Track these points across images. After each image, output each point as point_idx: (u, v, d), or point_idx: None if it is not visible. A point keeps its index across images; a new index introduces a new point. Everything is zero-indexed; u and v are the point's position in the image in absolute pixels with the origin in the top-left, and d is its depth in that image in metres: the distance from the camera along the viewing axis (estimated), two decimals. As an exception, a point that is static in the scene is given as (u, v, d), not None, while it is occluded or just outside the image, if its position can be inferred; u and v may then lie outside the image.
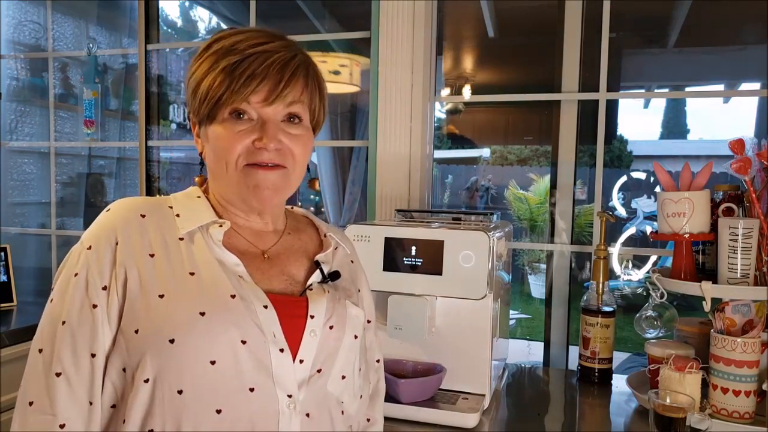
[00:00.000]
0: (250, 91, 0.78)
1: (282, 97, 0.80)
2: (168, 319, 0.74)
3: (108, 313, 0.76)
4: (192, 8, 3.72)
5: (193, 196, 0.88)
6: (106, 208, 0.83)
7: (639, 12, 2.83)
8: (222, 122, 0.81)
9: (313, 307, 0.83)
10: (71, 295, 0.76)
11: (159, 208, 0.84)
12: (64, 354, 0.74)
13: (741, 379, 1.21)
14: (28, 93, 2.57)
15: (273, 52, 0.80)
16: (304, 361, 0.79)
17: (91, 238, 0.79)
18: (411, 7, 1.85)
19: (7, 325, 1.87)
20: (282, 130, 0.81)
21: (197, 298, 0.76)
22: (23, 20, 2.54)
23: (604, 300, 1.54)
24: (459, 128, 5.27)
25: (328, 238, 0.95)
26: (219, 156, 0.81)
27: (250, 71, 0.78)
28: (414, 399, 1.28)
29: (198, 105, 0.82)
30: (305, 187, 0.91)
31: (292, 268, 0.88)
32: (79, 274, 0.77)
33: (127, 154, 2.76)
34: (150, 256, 0.78)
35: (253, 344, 0.75)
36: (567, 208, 1.95)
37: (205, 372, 0.73)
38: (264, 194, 0.81)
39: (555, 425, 1.35)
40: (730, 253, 1.25)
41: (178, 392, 0.72)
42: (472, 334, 1.33)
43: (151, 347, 0.73)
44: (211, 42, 0.84)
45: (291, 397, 0.77)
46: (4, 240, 2.39)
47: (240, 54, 0.79)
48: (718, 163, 1.40)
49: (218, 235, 0.82)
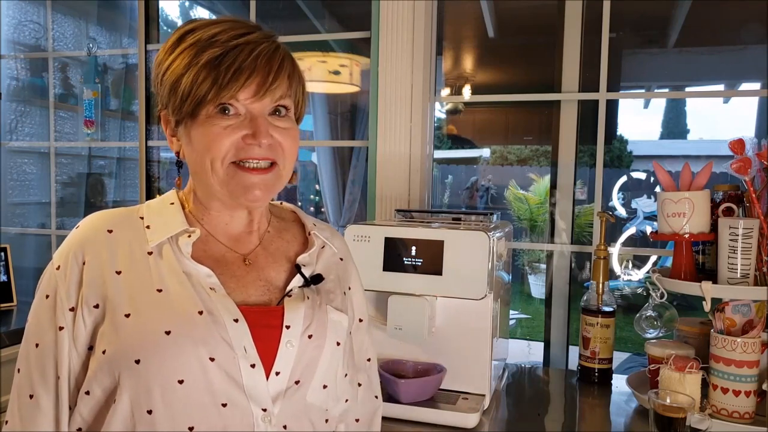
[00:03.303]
0: (239, 87, 0.74)
1: (271, 91, 0.76)
2: (133, 338, 0.72)
3: (74, 335, 0.74)
4: (192, 8, 3.72)
5: (167, 203, 0.84)
6: (76, 225, 0.81)
7: (639, 12, 2.83)
8: (207, 119, 0.76)
9: (289, 317, 0.79)
10: (42, 317, 0.76)
11: (128, 221, 0.81)
12: (35, 376, 0.75)
13: (741, 379, 1.21)
14: (28, 93, 2.57)
15: (257, 43, 0.76)
16: (281, 373, 0.76)
17: (60, 257, 0.77)
18: (411, 7, 1.85)
19: (7, 325, 1.87)
20: (271, 125, 0.78)
21: (163, 316, 0.73)
22: (23, 20, 2.54)
23: (604, 300, 1.54)
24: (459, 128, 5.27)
25: (313, 236, 0.90)
26: (203, 154, 0.77)
27: (237, 65, 0.74)
28: (414, 399, 1.28)
29: (179, 103, 0.76)
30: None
31: (270, 273, 0.84)
32: (50, 296, 0.76)
33: (127, 154, 2.76)
34: (117, 274, 0.76)
35: (222, 361, 0.73)
36: (567, 208, 1.95)
37: (174, 391, 0.71)
38: (255, 194, 0.78)
39: (555, 425, 1.35)
40: (730, 253, 1.25)
41: (147, 412, 0.71)
42: (472, 334, 1.33)
43: (119, 368, 0.71)
44: (183, 33, 0.78)
45: (266, 411, 0.74)
46: (4, 240, 2.39)
47: (222, 46, 0.74)
48: (718, 163, 1.40)
49: (186, 247, 0.78)
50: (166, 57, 0.78)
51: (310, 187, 5.01)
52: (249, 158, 0.77)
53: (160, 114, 0.83)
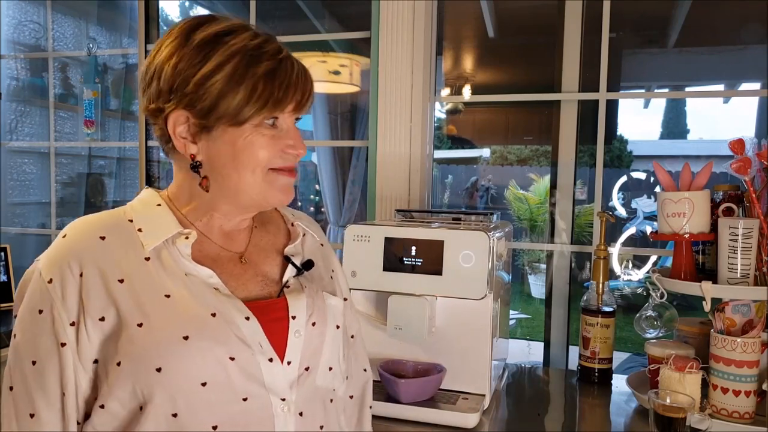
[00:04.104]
0: (288, 101, 0.78)
1: (306, 105, 0.82)
2: (151, 347, 0.72)
3: (78, 349, 0.73)
4: (192, 8, 3.72)
5: (152, 204, 0.83)
6: (61, 233, 0.78)
7: (639, 12, 2.83)
8: (255, 128, 0.77)
9: (293, 307, 0.82)
10: (37, 333, 0.73)
11: (118, 225, 0.79)
12: (36, 394, 0.73)
13: (741, 379, 1.21)
14: (28, 93, 2.57)
15: (292, 59, 0.80)
16: (292, 362, 0.79)
17: (51, 269, 0.74)
18: (411, 7, 1.85)
19: (7, 325, 1.87)
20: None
21: (177, 322, 0.73)
22: (23, 20, 2.54)
23: (604, 300, 1.54)
24: (459, 128, 5.28)
25: (296, 227, 0.94)
26: (246, 161, 0.78)
27: (288, 80, 0.78)
28: (414, 399, 1.28)
29: (222, 110, 0.75)
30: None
31: (265, 267, 0.86)
32: (44, 311, 0.73)
33: (127, 154, 2.76)
34: (120, 282, 0.74)
35: (241, 359, 0.75)
36: (567, 208, 1.95)
37: (197, 393, 0.72)
38: (291, 194, 0.83)
39: (555, 425, 1.35)
40: (730, 253, 1.25)
41: (173, 416, 0.72)
42: (472, 334, 1.33)
43: (139, 378, 0.71)
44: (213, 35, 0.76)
45: (284, 400, 0.78)
46: (4, 240, 2.39)
47: (272, 59, 0.77)
48: (718, 163, 1.40)
49: (186, 249, 0.78)
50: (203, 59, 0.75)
51: (310, 187, 5.01)
52: (287, 167, 0.81)
53: (166, 113, 0.78)
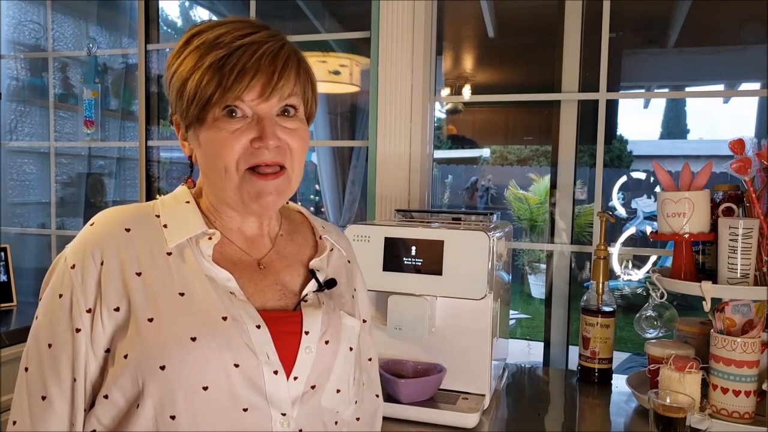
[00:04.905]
0: (243, 88, 0.73)
1: (277, 90, 0.75)
2: (158, 344, 0.71)
3: (92, 337, 0.73)
4: (192, 8, 3.72)
5: (182, 201, 0.83)
6: (89, 222, 0.79)
7: (639, 12, 2.83)
8: (214, 123, 0.75)
9: (308, 323, 0.79)
10: (56, 317, 0.74)
11: (145, 219, 0.79)
12: (49, 377, 0.73)
13: (741, 379, 1.21)
14: (28, 93, 2.57)
15: (261, 43, 0.75)
16: (299, 378, 0.77)
17: (75, 255, 0.75)
18: (411, 7, 1.85)
19: (7, 325, 1.87)
20: (278, 126, 0.77)
21: (188, 321, 0.73)
22: (23, 20, 2.54)
23: (604, 300, 1.54)
24: (459, 128, 5.27)
25: (324, 240, 0.91)
26: (215, 160, 0.76)
27: (240, 66, 0.73)
28: (414, 399, 1.28)
29: (185, 106, 0.76)
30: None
31: (285, 277, 0.84)
32: (64, 296, 0.74)
33: (127, 154, 2.76)
34: (137, 275, 0.74)
35: (246, 367, 0.73)
36: (567, 208, 1.95)
37: (198, 397, 0.71)
38: (267, 200, 0.77)
39: (555, 425, 1.35)
40: (730, 253, 1.25)
41: (170, 417, 0.71)
42: (472, 334, 1.33)
43: (143, 373, 0.71)
44: (189, 36, 0.78)
45: (285, 415, 0.75)
46: (4, 240, 2.39)
47: (226, 48, 0.74)
48: (718, 163, 1.40)
49: (208, 249, 0.78)
50: (173, 61, 0.78)
51: (310, 187, 5.01)
52: (261, 163, 0.76)
53: (172, 118, 0.82)
